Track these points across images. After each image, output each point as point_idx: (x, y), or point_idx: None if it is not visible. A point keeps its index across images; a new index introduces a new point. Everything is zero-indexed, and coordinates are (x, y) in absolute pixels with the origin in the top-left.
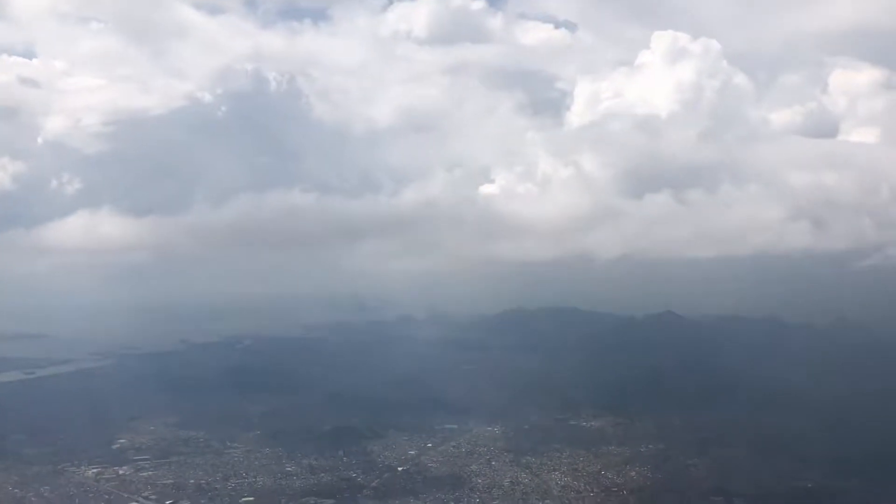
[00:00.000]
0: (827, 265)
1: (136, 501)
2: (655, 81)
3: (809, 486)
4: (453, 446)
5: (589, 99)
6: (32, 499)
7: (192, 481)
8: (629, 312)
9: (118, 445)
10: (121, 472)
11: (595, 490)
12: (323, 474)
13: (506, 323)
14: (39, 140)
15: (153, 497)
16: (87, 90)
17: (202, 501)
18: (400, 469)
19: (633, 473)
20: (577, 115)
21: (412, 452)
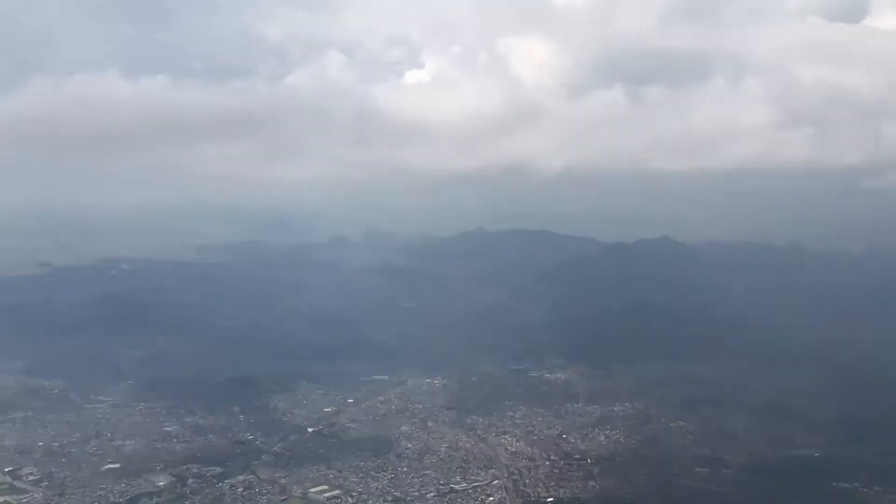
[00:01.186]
0: (831, 183)
1: None
2: None
3: (816, 455)
4: (381, 402)
5: None
6: None
7: (40, 443)
8: (615, 237)
9: None
10: None
11: (552, 458)
12: (212, 436)
13: (462, 247)
14: None
15: None
16: None
17: (52, 468)
18: (310, 430)
19: (601, 438)
20: None
21: (328, 409)
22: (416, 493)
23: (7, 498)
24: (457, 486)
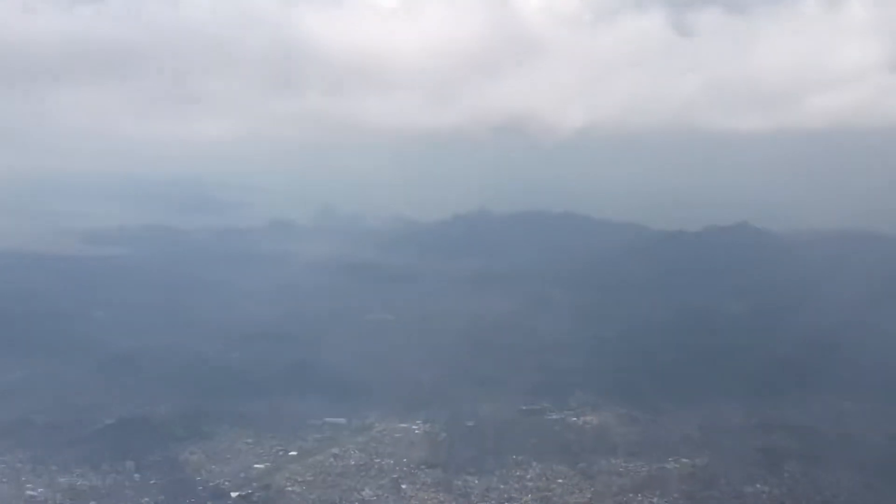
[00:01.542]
0: None
1: None
2: None
3: None
4: (335, 455)
5: None
6: None
7: None
8: (672, 223)
9: None
10: None
11: None
12: (93, 503)
13: (456, 236)
14: None
15: None
16: None
17: None
18: (234, 495)
19: None
20: None
21: (260, 466)
22: None
23: None
24: None
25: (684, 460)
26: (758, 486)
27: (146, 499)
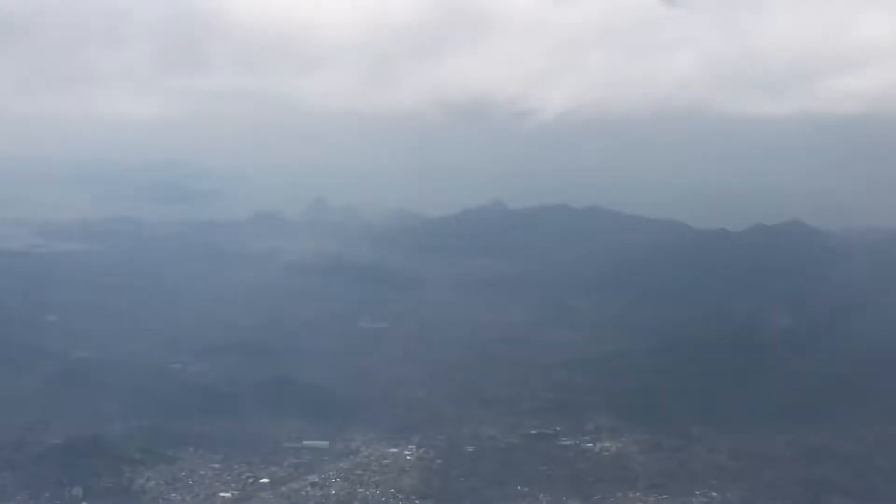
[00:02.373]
0: None
1: None
2: None
3: None
4: (313, 484)
5: None
6: None
7: None
8: (712, 221)
9: None
10: None
11: None
12: None
13: (467, 233)
14: None
15: None
16: None
17: None
18: None
19: None
20: None
21: (226, 495)
22: None
23: None
24: None
25: (713, 494)
26: None
27: None
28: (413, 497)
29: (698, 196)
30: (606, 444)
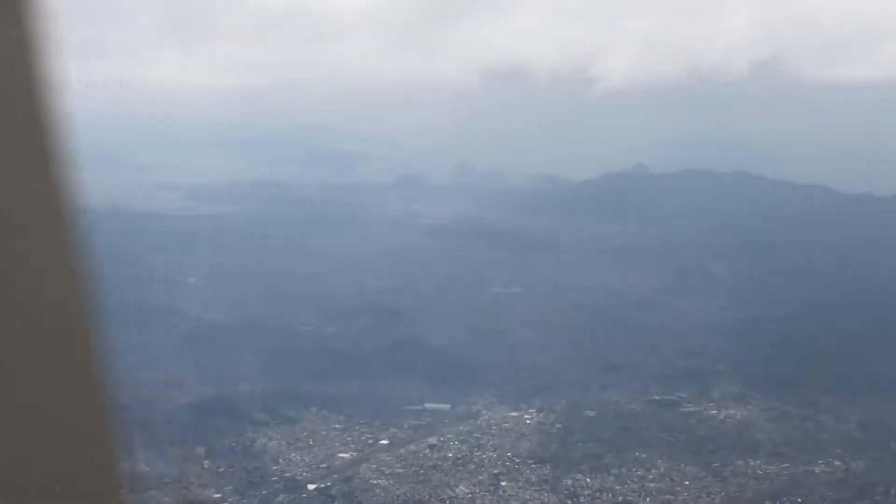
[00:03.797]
0: None
1: None
2: None
3: None
4: (432, 446)
5: None
6: None
7: None
8: (859, 185)
9: None
10: None
11: None
12: (154, 492)
13: (607, 198)
14: None
15: None
16: None
17: None
18: (311, 488)
19: None
20: None
21: (345, 455)
22: None
23: None
24: None
25: (837, 463)
26: None
27: (211, 489)
28: (529, 461)
29: (844, 161)
30: (731, 412)
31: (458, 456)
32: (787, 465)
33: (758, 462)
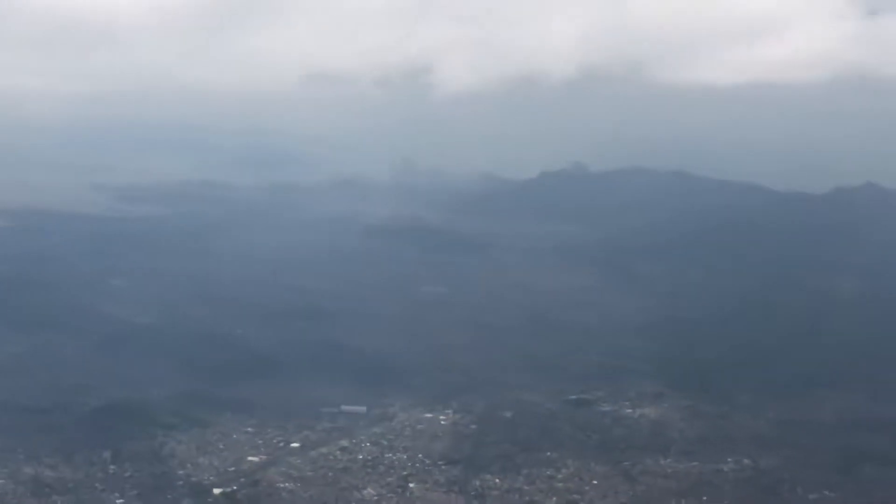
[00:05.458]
0: None
1: None
2: None
3: None
4: (343, 448)
5: None
6: None
7: None
8: (793, 184)
9: None
10: None
11: None
12: (57, 499)
13: (546, 196)
14: None
15: None
16: None
17: None
18: (217, 492)
19: None
20: None
21: (254, 459)
22: None
23: None
24: None
25: (746, 461)
26: (825, 492)
27: (115, 494)
28: (440, 462)
29: (781, 161)
30: (646, 411)
31: (369, 458)
32: (696, 463)
33: (668, 461)
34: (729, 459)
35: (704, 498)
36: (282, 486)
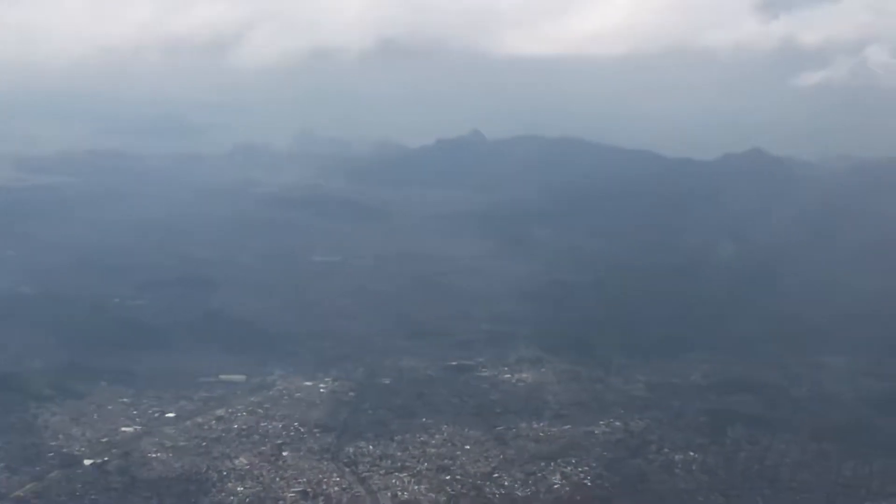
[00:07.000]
0: None
1: None
2: None
3: None
4: (218, 417)
5: None
6: None
7: None
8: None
9: None
10: None
11: None
12: None
13: (443, 163)
14: None
15: None
16: None
17: None
18: (87, 463)
19: (553, 479)
20: None
21: (127, 430)
22: None
23: None
24: None
25: (617, 424)
26: (691, 453)
27: None
28: (315, 430)
29: (674, 128)
30: (524, 376)
31: (244, 427)
32: (568, 426)
33: (541, 424)
34: (601, 422)
35: (573, 460)
36: (153, 456)
